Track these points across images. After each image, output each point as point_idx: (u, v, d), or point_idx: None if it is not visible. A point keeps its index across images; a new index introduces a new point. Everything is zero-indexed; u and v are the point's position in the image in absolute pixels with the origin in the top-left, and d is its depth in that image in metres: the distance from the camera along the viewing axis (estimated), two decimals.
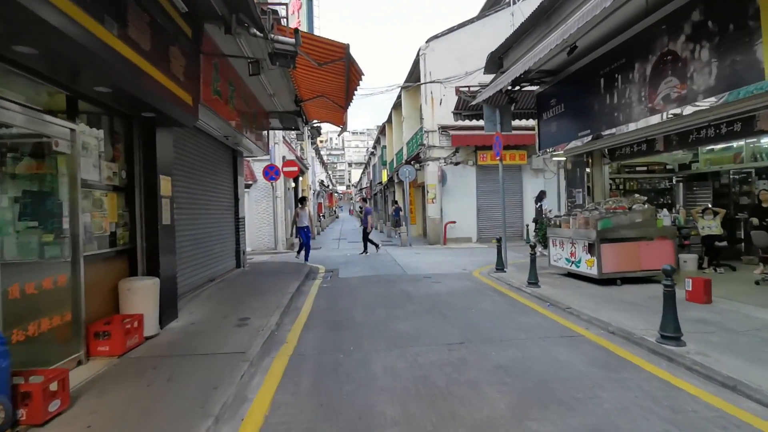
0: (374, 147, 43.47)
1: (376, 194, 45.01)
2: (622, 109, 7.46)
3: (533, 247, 7.73)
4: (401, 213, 34.31)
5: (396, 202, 38.61)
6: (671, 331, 4.26)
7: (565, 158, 10.37)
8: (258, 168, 15.76)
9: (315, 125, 12.90)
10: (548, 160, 17.60)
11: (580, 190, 9.88)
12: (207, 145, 8.38)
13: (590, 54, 8.20)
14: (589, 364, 3.99)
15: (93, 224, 4.50)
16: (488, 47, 12.96)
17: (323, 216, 42.07)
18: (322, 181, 46.71)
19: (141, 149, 5.31)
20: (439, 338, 4.88)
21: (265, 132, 11.54)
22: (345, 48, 6.28)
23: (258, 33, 5.47)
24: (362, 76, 6.96)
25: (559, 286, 7.59)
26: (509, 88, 10.16)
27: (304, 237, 11.80)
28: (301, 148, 25.80)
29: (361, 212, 43.03)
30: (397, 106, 25.86)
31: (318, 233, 26.52)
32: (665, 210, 7.73)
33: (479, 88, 10.86)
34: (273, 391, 3.59)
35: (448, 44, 17.05)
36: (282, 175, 15.82)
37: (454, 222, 16.91)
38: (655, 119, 6.66)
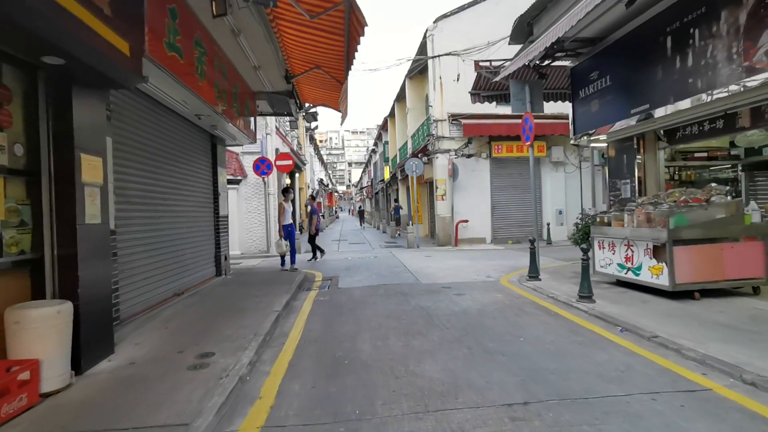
0: (375, 144, 41.85)
1: (377, 193, 43.35)
2: (700, 72, 5.81)
3: (586, 251, 6.08)
4: (401, 211, 32.87)
5: (396, 201, 37.06)
6: None
7: (607, 143, 8.73)
8: (248, 162, 14.13)
9: (310, 111, 11.26)
10: (569, 152, 15.98)
11: (628, 181, 8.23)
12: (174, 126, 6.75)
13: (651, 9, 6.57)
14: None
15: None
16: (503, 26, 11.34)
17: (323, 216, 40.42)
18: (321, 179, 45.10)
19: (50, 114, 3.67)
20: (488, 393, 3.24)
21: (253, 118, 9.92)
22: None
23: None
24: (365, 29, 5.33)
25: (620, 300, 5.94)
26: (538, 63, 8.55)
27: (287, 236, 9.89)
28: (298, 143, 24.17)
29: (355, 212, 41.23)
30: (400, 97, 24.23)
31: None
32: (753, 203, 6.10)
33: (503, 63, 9.23)
34: None
35: (457, 24, 15.40)
36: (275, 169, 14.19)
37: (467, 221, 15.27)
38: (755, 81, 5.03)
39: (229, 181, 13.54)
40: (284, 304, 6.31)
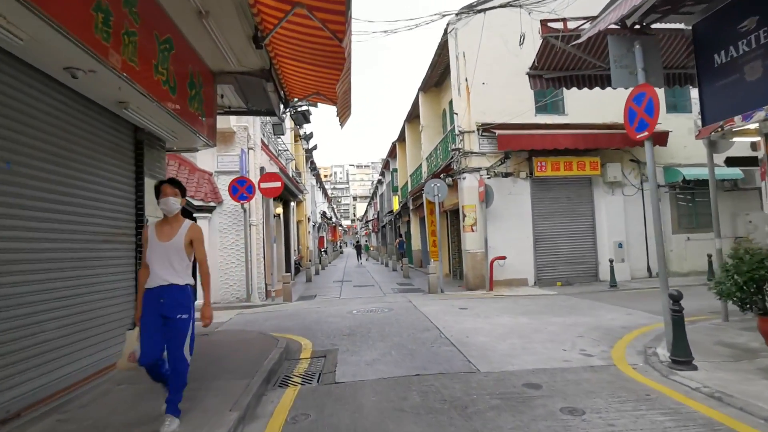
0: (382, 174, 39.09)
1: (384, 226, 40.19)
2: None
3: None
4: (411, 245, 29.57)
5: (401, 236, 33.71)
6: None
7: (762, 136, 5.53)
8: (224, 184, 11.04)
9: (300, 109, 8.21)
10: (628, 171, 12.80)
11: None
12: (58, 105, 3.67)
13: None
14: None
15: None
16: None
17: (325, 252, 37.10)
18: (324, 212, 42.13)
19: None
20: None
21: (213, 111, 6.90)
22: None
23: None
24: None
25: None
26: (636, 23, 5.55)
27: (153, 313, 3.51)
28: (295, 170, 21.24)
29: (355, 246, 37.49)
30: (411, 117, 21.49)
31: (317, 272, 21.54)
32: None
33: (582, 24, 6.19)
34: None
35: (486, 15, 12.61)
36: (258, 193, 11.08)
37: (504, 258, 11.92)
38: None
39: (199, 209, 10.39)
40: None
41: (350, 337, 6.54)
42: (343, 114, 7.31)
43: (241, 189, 10.62)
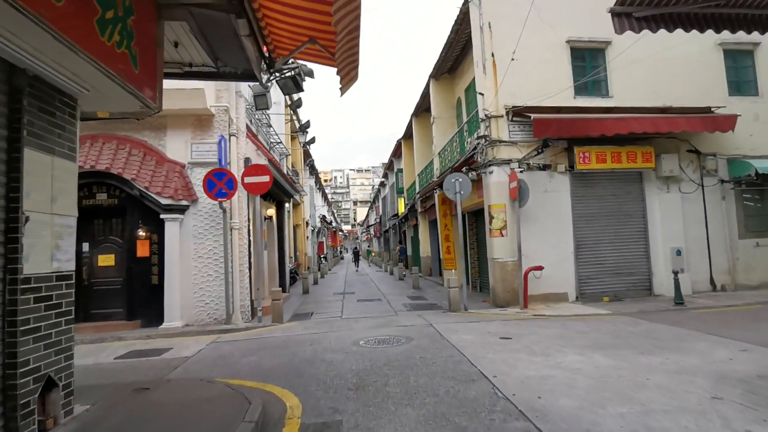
0: (385, 175, 37.05)
1: (386, 231, 38.11)
2: None
3: None
4: (407, 254, 27.61)
5: (401, 242, 31.52)
6: None
7: None
8: (199, 178, 8.98)
9: (287, 73, 6.15)
10: (685, 164, 10.72)
11: None
12: None
13: None
14: None
15: None
16: None
17: (324, 258, 34.98)
18: (324, 216, 40.08)
19: None
20: None
21: (158, 65, 4.88)
22: None
23: None
24: None
25: None
26: None
27: None
28: (291, 167, 19.19)
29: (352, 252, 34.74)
30: (420, 110, 19.49)
31: (315, 282, 19.45)
32: None
33: None
34: None
35: None
36: (239, 188, 9.03)
37: (541, 268, 9.81)
38: None
39: (168, 209, 8.33)
40: None
41: (359, 392, 4.41)
42: (348, 73, 5.22)
43: (219, 183, 8.55)
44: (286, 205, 15.44)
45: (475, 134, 10.87)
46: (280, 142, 13.50)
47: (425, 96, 17.52)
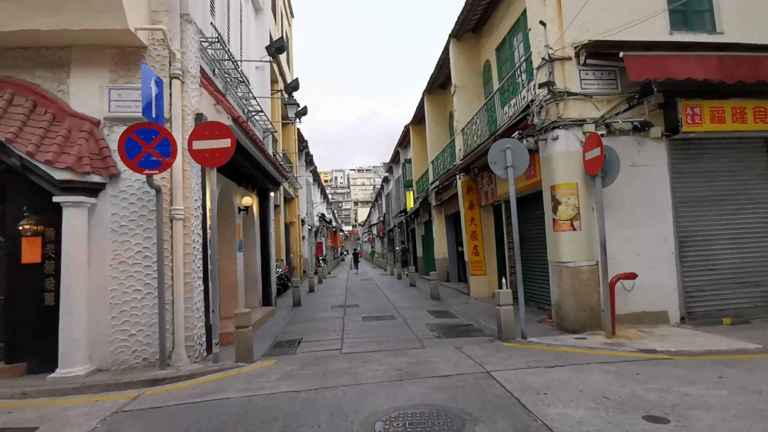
0: (389, 170, 33.83)
1: (391, 229, 34.92)
2: None
3: None
4: (408, 253, 24.53)
5: (403, 242, 28.34)
6: None
7: None
8: (114, 138, 5.81)
9: None
10: None
11: None
12: None
13: None
14: None
15: None
16: None
17: (324, 260, 31.79)
18: (323, 214, 36.90)
19: None
20: None
21: None
22: None
23: None
24: None
25: None
26: None
27: None
28: (281, 155, 16.05)
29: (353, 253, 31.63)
30: (434, 86, 16.38)
31: (311, 289, 16.31)
32: None
33: None
34: None
35: None
36: (181, 156, 5.89)
37: (634, 276, 6.64)
38: None
39: (68, 187, 5.21)
40: None
41: None
42: None
43: (146, 147, 5.40)
44: (272, 195, 12.28)
45: (531, 85, 7.70)
46: (262, 111, 10.31)
47: (441, 65, 14.38)
